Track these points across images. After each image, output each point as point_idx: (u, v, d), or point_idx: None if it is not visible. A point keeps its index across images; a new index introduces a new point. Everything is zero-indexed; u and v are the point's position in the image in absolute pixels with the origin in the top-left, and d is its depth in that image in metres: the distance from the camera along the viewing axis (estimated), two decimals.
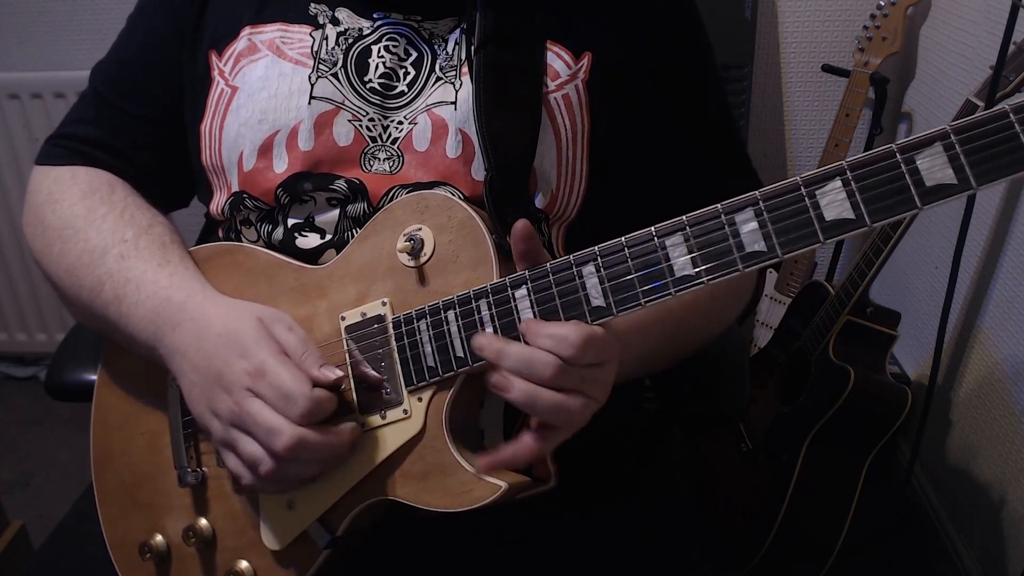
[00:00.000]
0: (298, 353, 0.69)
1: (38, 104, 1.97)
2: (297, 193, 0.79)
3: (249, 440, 0.67)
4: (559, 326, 0.62)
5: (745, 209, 0.58)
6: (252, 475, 0.68)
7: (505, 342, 0.64)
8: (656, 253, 0.61)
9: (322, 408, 0.67)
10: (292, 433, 0.65)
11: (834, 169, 0.55)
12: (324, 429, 0.67)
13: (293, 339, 0.70)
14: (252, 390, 0.67)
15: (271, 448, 0.65)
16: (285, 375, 0.66)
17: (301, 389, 0.66)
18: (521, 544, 0.82)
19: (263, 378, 0.67)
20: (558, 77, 0.79)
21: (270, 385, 0.66)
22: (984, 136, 0.51)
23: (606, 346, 0.64)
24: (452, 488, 0.67)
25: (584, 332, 0.62)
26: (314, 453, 0.67)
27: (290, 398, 0.65)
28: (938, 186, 0.52)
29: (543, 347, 0.62)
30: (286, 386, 0.66)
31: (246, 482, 0.69)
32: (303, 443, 0.65)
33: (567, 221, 0.82)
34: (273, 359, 0.67)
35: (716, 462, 1.68)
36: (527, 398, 0.62)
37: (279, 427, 0.65)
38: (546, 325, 0.63)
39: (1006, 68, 1.21)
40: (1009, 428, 1.45)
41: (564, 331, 0.62)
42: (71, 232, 0.80)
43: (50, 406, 1.98)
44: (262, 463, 0.66)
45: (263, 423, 0.66)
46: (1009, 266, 1.46)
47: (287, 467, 0.67)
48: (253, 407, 0.66)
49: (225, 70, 0.82)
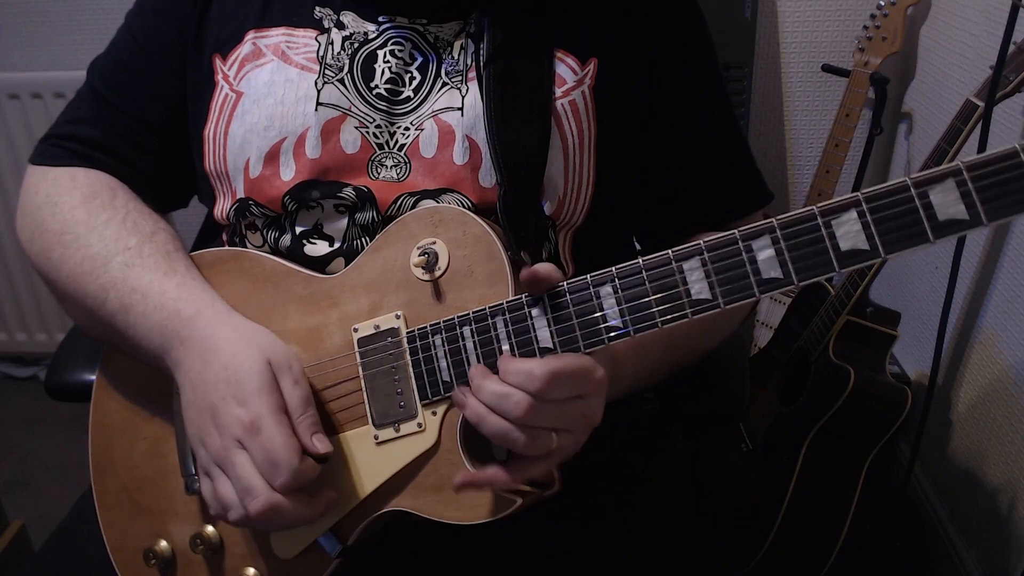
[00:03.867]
0: (297, 414, 0.69)
1: (38, 104, 1.97)
2: (304, 201, 0.79)
3: (227, 483, 0.68)
4: (528, 362, 0.63)
5: (762, 236, 0.58)
6: (222, 512, 0.69)
7: (484, 377, 0.64)
8: (674, 276, 0.61)
9: (303, 480, 0.67)
10: (267, 499, 0.66)
11: (850, 200, 0.56)
12: (299, 499, 0.67)
13: (296, 396, 0.70)
14: (242, 443, 0.67)
15: (243, 504, 0.66)
16: (277, 440, 0.66)
17: (288, 460, 0.66)
18: (522, 545, 0.82)
19: (256, 436, 0.67)
20: (564, 83, 0.79)
21: (261, 446, 0.66)
22: (995, 174, 0.53)
23: (583, 379, 0.64)
24: (466, 501, 0.67)
25: (551, 366, 0.62)
26: (284, 520, 0.68)
27: (276, 466, 0.66)
28: (950, 221, 0.54)
29: (512, 383, 0.63)
30: (275, 453, 0.66)
31: (213, 513, 0.70)
32: (276, 510, 0.66)
33: (573, 227, 0.82)
34: (270, 417, 0.67)
35: (716, 462, 1.68)
36: (497, 433, 0.63)
37: (257, 489, 0.66)
38: (516, 361, 0.64)
39: (1006, 68, 1.21)
40: (1010, 428, 1.45)
41: (530, 366, 0.62)
42: (72, 237, 0.79)
43: (50, 406, 1.97)
44: (232, 509, 0.68)
45: (243, 480, 0.66)
46: (1009, 266, 1.46)
47: (254, 523, 0.68)
48: (238, 460, 0.67)
49: (229, 75, 0.82)
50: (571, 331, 0.64)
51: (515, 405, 0.62)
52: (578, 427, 0.66)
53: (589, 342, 0.64)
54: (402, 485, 0.70)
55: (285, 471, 0.66)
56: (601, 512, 0.87)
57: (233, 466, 0.67)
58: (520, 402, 0.62)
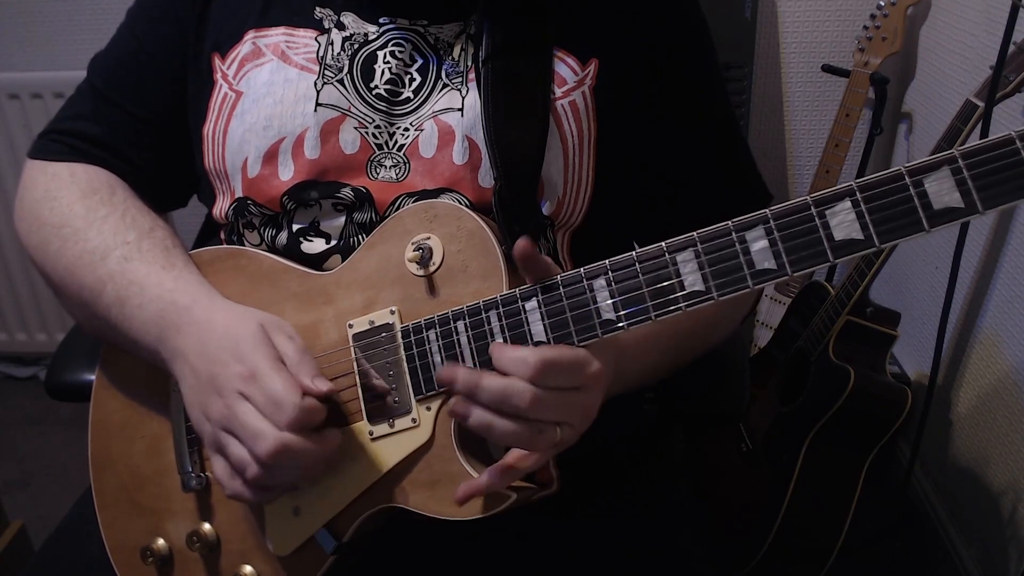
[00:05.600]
0: (294, 362, 0.69)
1: (38, 104, 1.97)
2: (303, 201, 0.79)
3: (236, 443, 0.67)
4: (521, 349, 0.63)
5: (755, 227, 0.58)
6: (239, 481, 0.68)
7: (480, 378, 0.63)
8: (667, 268, 0.61)
9: (310, 417, 0.66)
10: (276, 438, 0.65)
11: (844, 190, 0.56)
12: (309, 436, 0.67)
13: (291, 348, 0.70)
14: (243, 393, 0.67)
15: (255, 452, 0.66)
16: (277, 381, 0.66)
17: (290, 397, 0.65)
18: (521, 544, 0.82)
19: (254, 382, 0.67)
20: (565, 84, 0.79)
21: (260, 390, 0.66)
22: (991, 161, 0.52)
23: (579, 369, 0.64)
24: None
25: (544, 354, 0.62)
26: (298, 459, 0.67)
27: (279, 404, 0.65)
28: (945, 209, 0.53)
29: (505, 370, 0.62)
30: (276, 392, 0.66)
31: (232, 491, 0.69)
32: (287, 449, 0.65)
33: (572, 227, 0.82)
34: (267, 364, 0.67)
35: (716, 462, 1.68)
36: (507, 434, 0.63)
37: (264, 432, 0.65)
38: (508, 348, 0.64)
39: (1006, 68, 1.21)
40: (1010, 428, 1.45)
41: (523, 353, 0.62)
42: (70, 231, 0.79)
43: (50, 406, 1.98)
44: (248, 467, 0.67)
45: (249, 426, 0.66)
46: (1009, 266, 1.46)
47: (272, 473, 0.67)
48: (241, 409, 0.66)
49: (229, 74, 0.82)
50: (565, 325, 0.64)
51: (519, 397, 0.61)
52: (577, 419, 0.66)
53: (583, 336, 0.64)
54: (397, 481, 0.70)
55: (289, 408, 0.65)
56: (601, 512, 0.87)
57: (237, 417, 0.66)
58: (523, 392, 0.61)
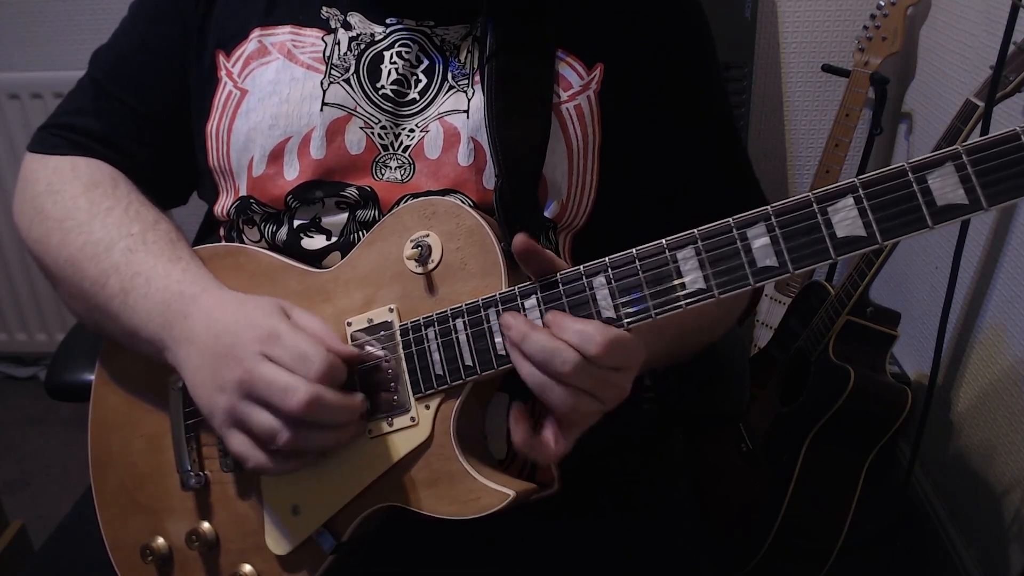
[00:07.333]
0: (316, 328, 0.68)
1: (38, 104, 1.97)
2: (308, 200, 0.79)
3: (261, 411, 0.65)
4: (588, 323, 0.62)
5: (757, 224, 0.58)
6: (263, 452, 0.66)
7: (532, 327, 0.63)
8: (668, 266, 0.61)
9: (337, 372, 0.65)
10: (309, 389, 0.63)
11: (846, 186, 0.55)
12: (338, 390, 0.66)
13: (311, 319, 0.69)
14: (265, 354, 0.65)
15: (287, 407, 0.63)
16: (300, 337, 0.65)
17: (317, 350, 0.64)
18: (521, 544, 0.82)
19: (278, 341, 0.65)
20: (570, 88, 0.79)
21: (285, 347, 0.65)
22: (995, 157, 0.52)
23: (630, 352, 0.63)
24: (460, 496, 0.67)
25: (611, 334, 0.61)
26: (331, 415, 0.65)
27: (306, 358, 0.64)
28: (949, 206, 0.53)
29: (569, 341, 0.61)
30: (302, 347, 0.65)
31: (256, 462, 0.67)
32: (320, 400, 0.64)
33: (575, 229, 0.82)
34: (286, 325, 0.67)
35: (716, 462, 1.68)
36: (540, 388, 0.62)
37: (295, 384, 0.63)
38: (575, 320, 0.62)
39: (1006, 68, 1.21)
40: (1010, 428, 1.45)
41: (592, 329, 0.61)
42: (73, 224, 0.79)
43: (50, 406, 1.98)
44: (279, 434, 0.64)
45: (277, 382, 0.64)
46: (1009, 266, 1.46)
47: (304, 435, 0.65)
48: (266, 369, 0.65)
49: (233, 71, 0.81)
50: None
51: (563, 363, 0.61)
52: (611, 398, 0.65)
53: None
54: (396, 480, 0.70)
55: (317, 359, 0.64)
56: (601, 512, 0.87)
57: (263, 377, 0.64)
58: (568, 360, 0.61)
